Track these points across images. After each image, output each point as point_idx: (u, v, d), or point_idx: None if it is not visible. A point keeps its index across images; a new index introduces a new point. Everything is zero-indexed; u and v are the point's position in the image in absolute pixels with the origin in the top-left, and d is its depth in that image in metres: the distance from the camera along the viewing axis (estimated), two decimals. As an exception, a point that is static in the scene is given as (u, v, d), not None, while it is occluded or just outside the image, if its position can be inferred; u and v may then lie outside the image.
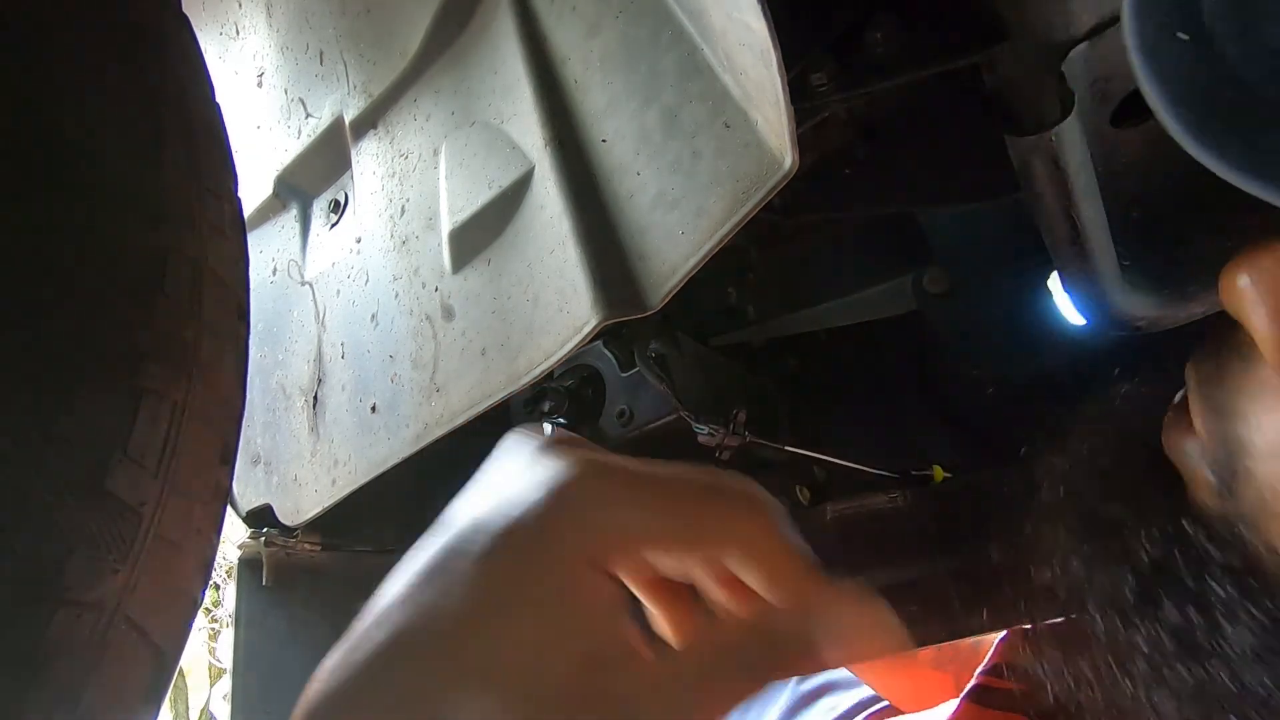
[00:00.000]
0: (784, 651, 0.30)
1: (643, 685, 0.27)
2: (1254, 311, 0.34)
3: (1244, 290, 0.34)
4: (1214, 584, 0.36)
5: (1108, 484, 0.44)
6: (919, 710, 0.92)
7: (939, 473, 0.82)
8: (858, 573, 0.78)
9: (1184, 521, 0.38)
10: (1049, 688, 0.47)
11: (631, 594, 0.32)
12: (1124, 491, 0.43)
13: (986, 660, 0.66)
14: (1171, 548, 0.38)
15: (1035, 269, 0.80)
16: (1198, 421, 0.39)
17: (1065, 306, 0.77)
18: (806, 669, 0.31)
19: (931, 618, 0.76)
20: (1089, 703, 0.46)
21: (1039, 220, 0.60)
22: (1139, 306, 0.63)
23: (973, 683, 0.64)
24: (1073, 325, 0.77)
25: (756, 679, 0.29)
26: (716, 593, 0.32)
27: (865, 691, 0.95)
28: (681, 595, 0.33)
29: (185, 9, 0.43)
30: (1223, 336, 0.38)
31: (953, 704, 0.67)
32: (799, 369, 0.90)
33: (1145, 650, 0.39)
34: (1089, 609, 0.43)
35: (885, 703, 0.93)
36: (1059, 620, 0.49)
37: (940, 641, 0.75)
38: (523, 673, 0.26)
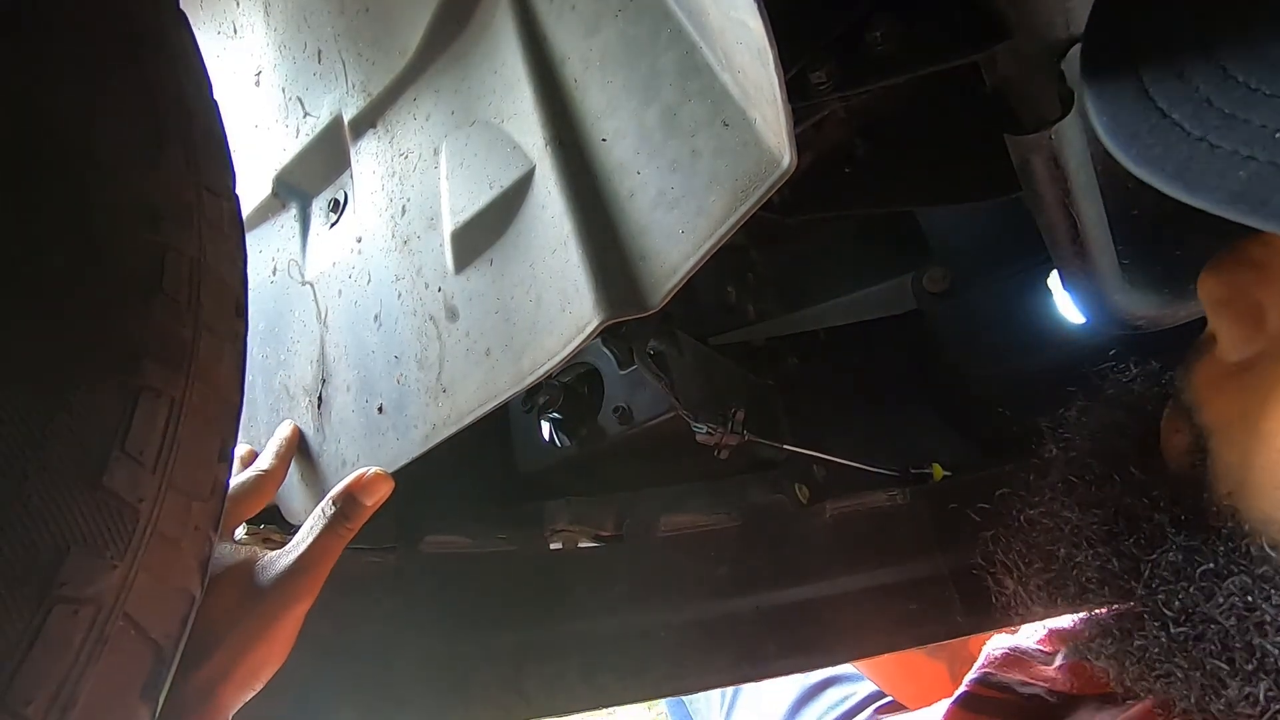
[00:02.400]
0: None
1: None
2: (1214, 308, 0.41)
3: (1209, 285, 0.41)
4: (1158, 530, 0.43)
5: (1100, 447, 0.50)
6: (913, 696, 0.92)
7: (939, 471, 0.82)
8: (858, 572, 0.78)
9: (1154, 480, 0.45)
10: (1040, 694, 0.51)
11: None
12: (1113, 455, 0.49)
13: (975, 668, 0.66)
14: (1139, 501, 0.45)
15: (1035, 268, 0.80)
16: (1184, 412, 0.45)
17: (1065, 305, 0.78)
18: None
19: (931, 617, 0.76)
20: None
21: (1039, 219, 0.60)
22: (1139, 305, 0.63)
23: (961, 690, 0.65)
24: (1073, 324, 0.77)
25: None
26: None
27: (871, 685, 0.96)
28: None
29: (183, 8, 0.43)
30: (1197, 340, 0.44)
31: (945, 703, 0.67)
32: (799, 369, 0.91)
33: (1092, 577, 0.46)
34: (1059, 542, 0.49)
35: (891, 698, 0.93)
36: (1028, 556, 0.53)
37: (940, 641, 0.75)
38: None
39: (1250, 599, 0.38)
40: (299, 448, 0.66)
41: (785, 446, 0.77)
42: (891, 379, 0.93)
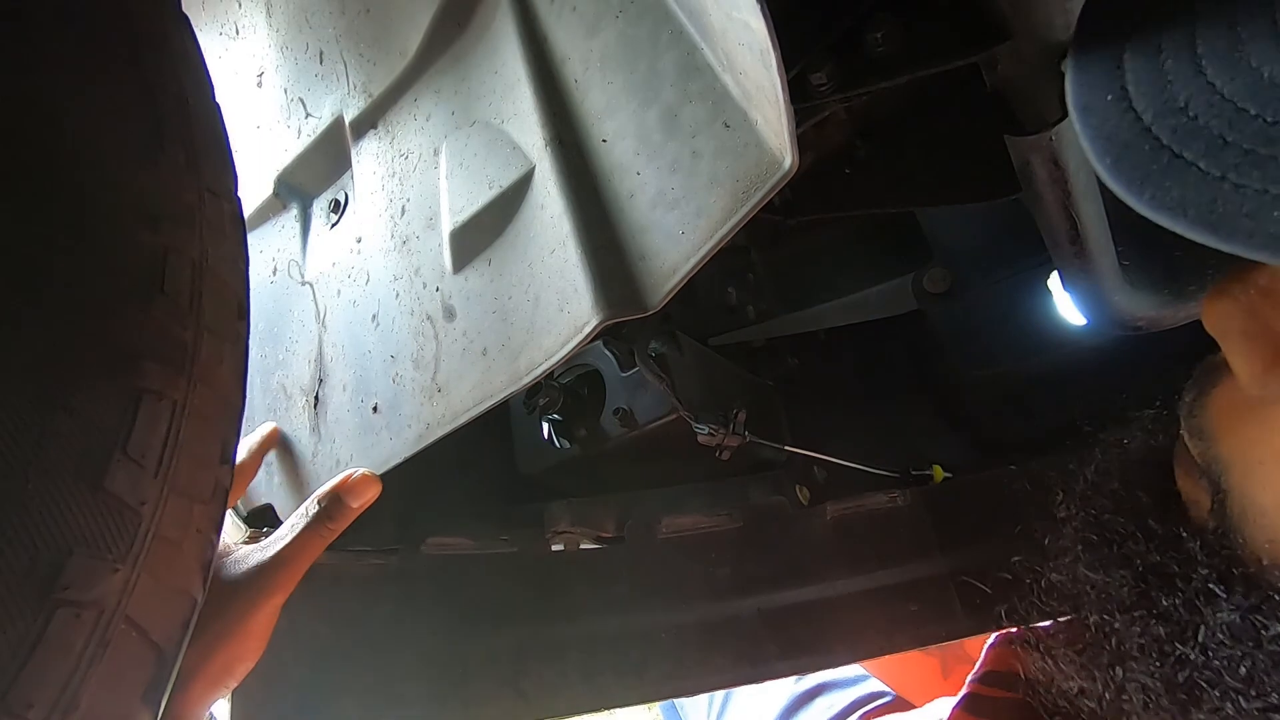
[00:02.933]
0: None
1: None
2: (1227, 338, 0.38)
3: (1219, 314, 0.38)
4: (1201, 587, 0.40)
5: (1118, 502, 0.47)
6: (907, 688, 0.92)
7: (939, 473, 0.82)
8: (858, 573, 0.78)
9: (1181, 532, 0.42)
10: (1039, 695, 0.50)
11: None
12: (1131, 509, 0.46)
13: (977, 668, 0.66)
14: (1169, 556, 0.42)
15: (1035, 269, 0.80)
16: (1189, 445, 0.43)
17: (1065, 306, 0.78)
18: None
19: (932, 618, 0.76)
20: (1080, 709, 0.48)
21: (1039, 220, 0.60)
22: (1139, 306, 0.63)
23: (964, 691, 0.65)
24: (1073, 325, 0.77)
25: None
26: None
27: (860, 690, 0.96)
28: None
29: (185, 8, 0.43)
30: (1207, 363, 0.42)
31: (945, 703, 0.67)
32: (799, 369, 0.91)
33: (1133, 644, 0.43)
34: (1086, 608, 0.46)
35: (880, 701, 0.94)
36: (1053, 625, 0.51)
37: (940, 641, 0.75)
38: None
39: None
40: (295, 448, 0.66)
41: (786, 448, 0.77)
42: (891, 380, 0.93)
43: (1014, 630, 0.54)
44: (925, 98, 0.69)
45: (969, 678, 0.66)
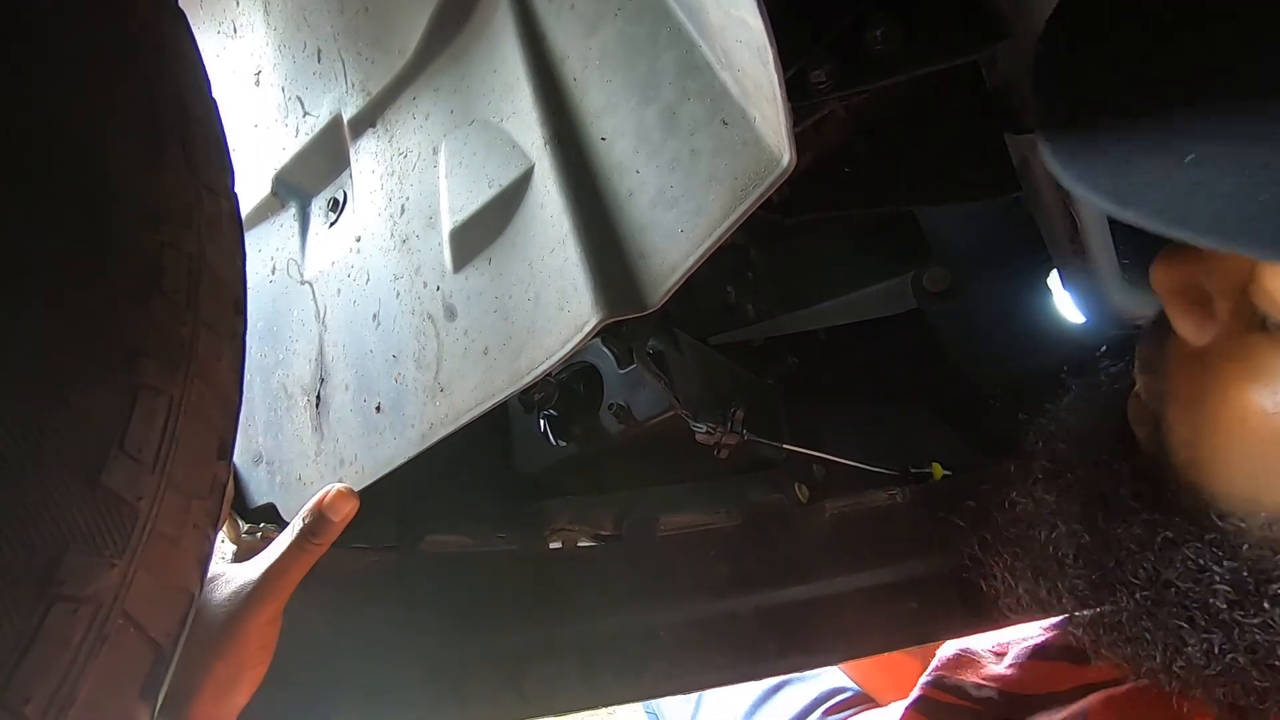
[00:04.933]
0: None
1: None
2: (1166, 297, 0.44)
3: (1161, 276, 0.44)
4: (1124, 504, 0.48)
5: (1075, 435, 0.55)
6: (885, 689, 0.93)
7: (939, 471, 0.82)
8: (858, 571, 0.78)
9: (1119, 459, 0.50)
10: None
11: None
12: (1084, 441, 0.53)
13: (929, 671, 0.68)
14: (1105, 479, 0.50)
15: (1035, 268, 0.80)
16: (1139, 381, 0.49)
17: (1065, 305, 0.78)
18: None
19: (931, 617, 0.76)
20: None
21: (1039, 219, 0.60)
22: (1139, 304, 0.63)
23: (916, 693, 0.67)
24: (1072, 324, 0.77)
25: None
26: None
27: (821, 686, 0.96)
28: None
29: (182, 7, 0.43)
30: (1159, 318, 0.47)
31: (902, 704, 0.69)
32: (799, 368, 0.90)
33: (1070, 553, 0.50)
34: (1039, 525, 0.53)
35: (841, 696, 0.94)
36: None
37: (940, 640, 0.75)
38: None
39: (1202, 562, 0.43)
40: (297, 448, 0.66)
41: (785, 446, 0.77)
42: (891, 379, 0.93)
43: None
44: (925, 97, 0.69)
45: (920, 679, 0.68)
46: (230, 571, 0.55)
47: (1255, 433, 0.41)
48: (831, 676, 0.98)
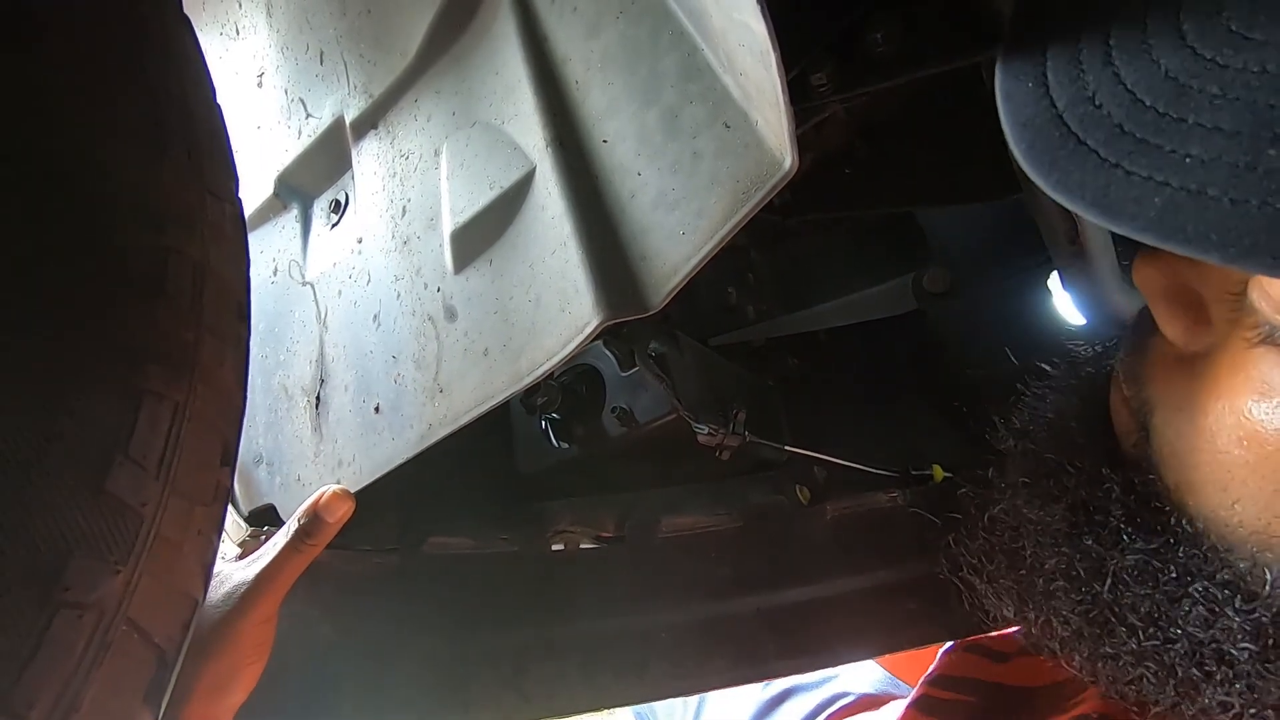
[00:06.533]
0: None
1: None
2: (1154, 297, 0.41)
3: (1146, 277, 0.41)
4: (1115, 526, 0.43)
5: (1053, 434, 0.51)
6: (912, 670, 0.93)
7: (939, 472, 0.82)
8: (858, 573, 0.78)
9: (1103, 469, 0.45)
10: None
11: None
12: (1063, 441, 0.49)
13: (930, 669, 0.67)
14: (1092, 493, 0.45)
15: (1035, 268, 0.80)
16: (1122, 390, 0.46)
17: (1065, 306, 0.78)
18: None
19: (931, 618, 0.76)
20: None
21: (1039, 220, 0.60)
22: (1138, 305, 0.63)
23: (916, 692, 0.66)
24: (1072, 324, 0.77)
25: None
26: None
27: (826, 692, 0.96)
28: None
29: (185, 9, 0.43)
30: (1144, 313, 0.45)
31: (903, 704, 0.68)
32: (799, 369, 0.91)
33: (1060, 577, 0.46)
34: (1024, 539, 0.49)
35: (844, 701, 0.94)
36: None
37: (941, 641, 0.75)
38: None
39: (1215, 609, 0.38)
40: (297, 448, 0.66)
41: (786, 448, 0.77)
42: (892, 379, 0.93)
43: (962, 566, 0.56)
44: (926, 98, 0.69)
45: (922, 678, 0.67)
46: (225, 571, 0.55)
47: (1268, 460, 0.36)
48: (836, 683, 0.98)
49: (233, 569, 0.55)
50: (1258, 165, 0.29)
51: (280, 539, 0.55)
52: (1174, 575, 0.40)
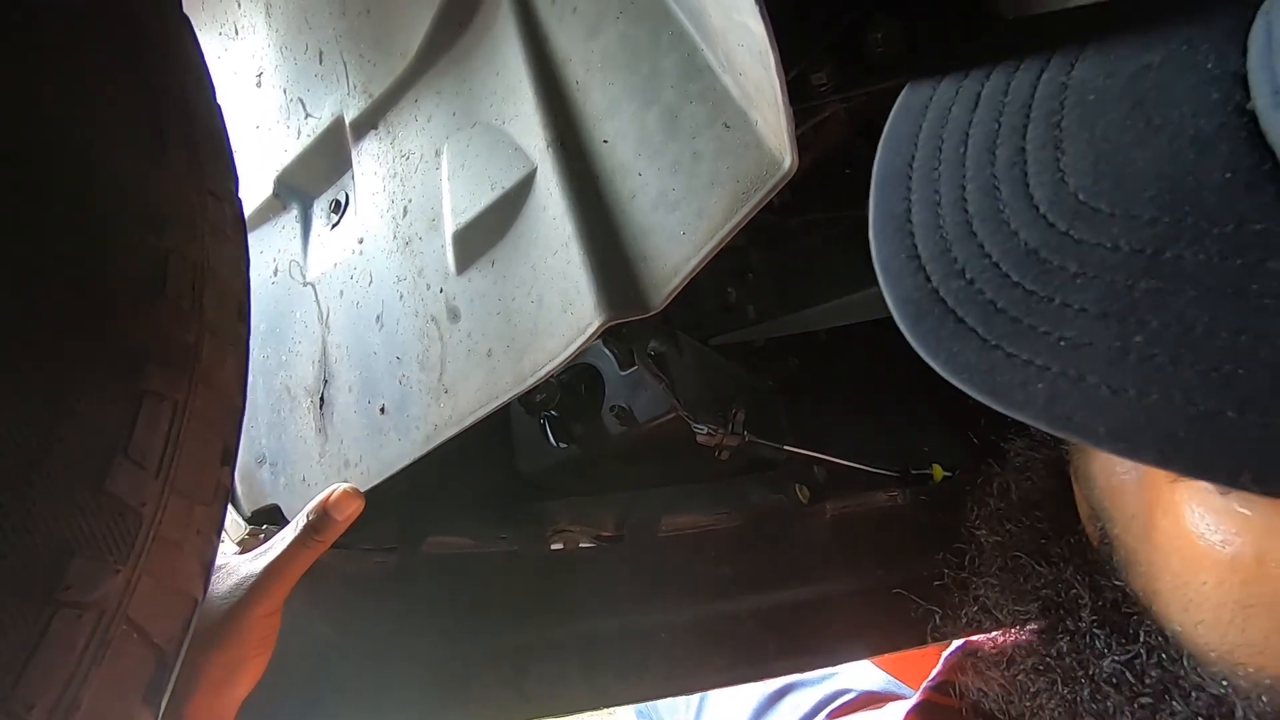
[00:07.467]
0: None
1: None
2: None
3: None
4: (1088, 630, 0.40)
5: (1020, 525, 0.48)
6: (909, 672, 0.92)
7: (939, 472, 0.82)
8: (858, 572, 0.78)
9: (1070, 571, 0.42)
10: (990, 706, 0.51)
11: None
12: (1031, 534, 0.46)
13: (932, 676, 0.67)
14: (1062, 595, 0.42)
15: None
16: (1076, 487, 0.43)
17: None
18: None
19: (931, 617, 0.76)
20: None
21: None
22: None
23: (918, 698, 0.66)
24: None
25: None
26: None
27: (827, 688, 0.96)
28: None
29: (185, 9, 0.43)
30: None
31: (900, 707, 0.68)
32: (799, 369, 0.91)
33: (1041, 675, 0.43)
34: (1001, 619, 0.47)
35: (845, 698, 0.94)
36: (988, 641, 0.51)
37: (942, 641, 0.75)
38: None
39: None
40: (301, 449, 0.66)
41: (786, 447, 0.77)
42: (892, 379, 0.93)
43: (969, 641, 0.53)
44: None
45: (924, 684, 0.67)
46: (232, 563, 0.55)
47: (1224, 584, 0.33)
48: (837, 680, 0.98)
49: (240, 561, 0.55)
50: (1129, 352, 0.27)
51: (289, 533, 0.55)
52: (1149, 690, 0.37)
